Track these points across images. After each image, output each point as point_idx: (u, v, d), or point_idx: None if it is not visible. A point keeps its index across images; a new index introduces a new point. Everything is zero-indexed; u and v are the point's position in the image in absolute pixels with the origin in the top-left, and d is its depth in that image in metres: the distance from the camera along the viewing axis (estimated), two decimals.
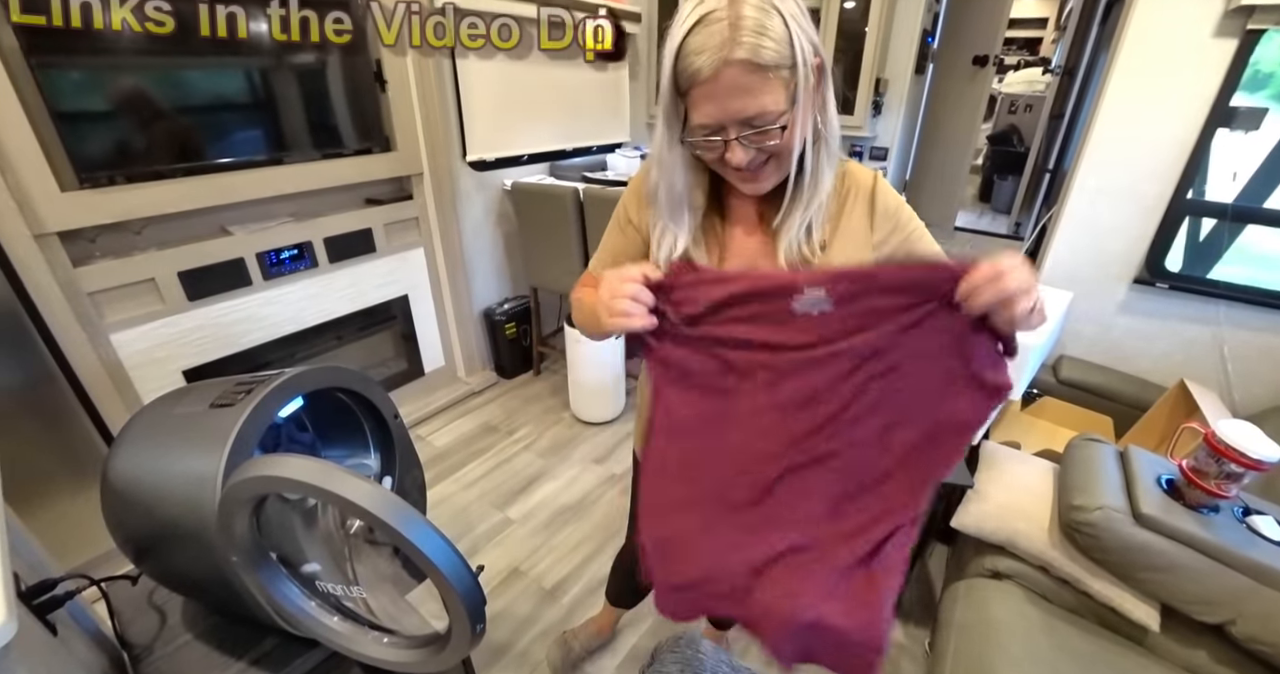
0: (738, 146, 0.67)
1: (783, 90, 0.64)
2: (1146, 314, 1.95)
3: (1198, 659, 1.16)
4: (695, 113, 0.66)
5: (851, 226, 0.77)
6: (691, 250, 0.79)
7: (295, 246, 2.04)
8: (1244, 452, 1.12)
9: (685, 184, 0.76)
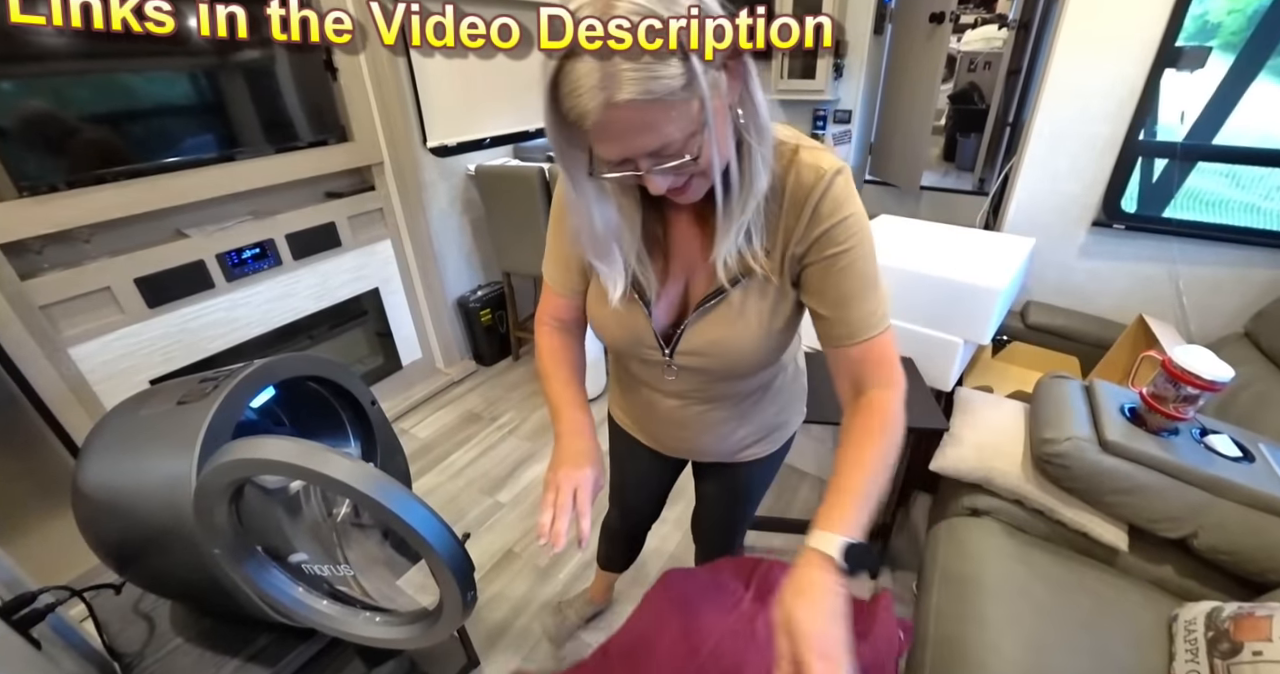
0: (653, 177, 0.60)
1: (686, 114, 0.55)
2: (1105, 256, 2.00)
3: (1164, 573, 1.22)
4: (597, 148, 0.59)
5: (789, 230, 0.69)
6: (637, 268, 0.73)
7: (256, 245, 1.98)
8: (1199, 374, 1.16)
9: (606, 222, 0.68)
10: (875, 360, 0.71)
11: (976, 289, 1.49)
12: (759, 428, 0.94)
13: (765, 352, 0.77)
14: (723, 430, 0.91)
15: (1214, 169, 1.96)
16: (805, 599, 0.55)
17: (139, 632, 1.09)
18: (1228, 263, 1.87)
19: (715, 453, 0.97)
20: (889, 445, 0.67)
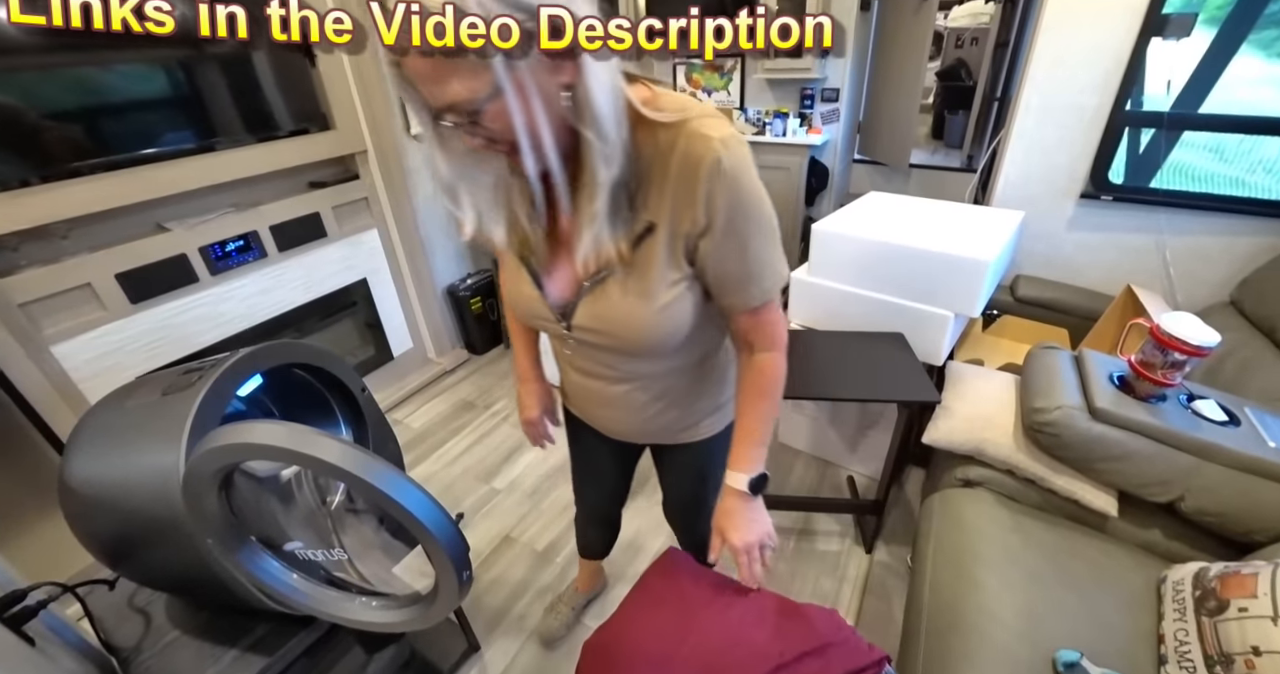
0: (464, 132, 0.60)
1: (475, 78, 0.55)
2: (1094, 228, 2.01)
3: (1152, 537, 1.24)
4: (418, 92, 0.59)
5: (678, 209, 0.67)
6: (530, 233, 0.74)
7: (240, 238, 1.95)
8: (1186, 340, 1.17)
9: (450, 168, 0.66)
10: (764, 326, 0.77)
11: (965, 261, 1.49)
12: (694, 412, 0.93)
13: (661, 330, 0.75)
14: (650, 412, 0.91)
15: (1199, 144, 1.97)
16: (729, 518, 0.87)
17: (135, 626, 1.08)
18: (1214, 232, 1.87)
19: (653, 434, 0.97)
20: (774, 400, 0.83)
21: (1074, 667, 0.95)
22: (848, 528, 1.75)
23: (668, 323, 0.74)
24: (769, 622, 0.82)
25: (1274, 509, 1.12)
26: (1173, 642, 1.00)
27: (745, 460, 0.84)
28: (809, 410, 1.95)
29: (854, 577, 1.60)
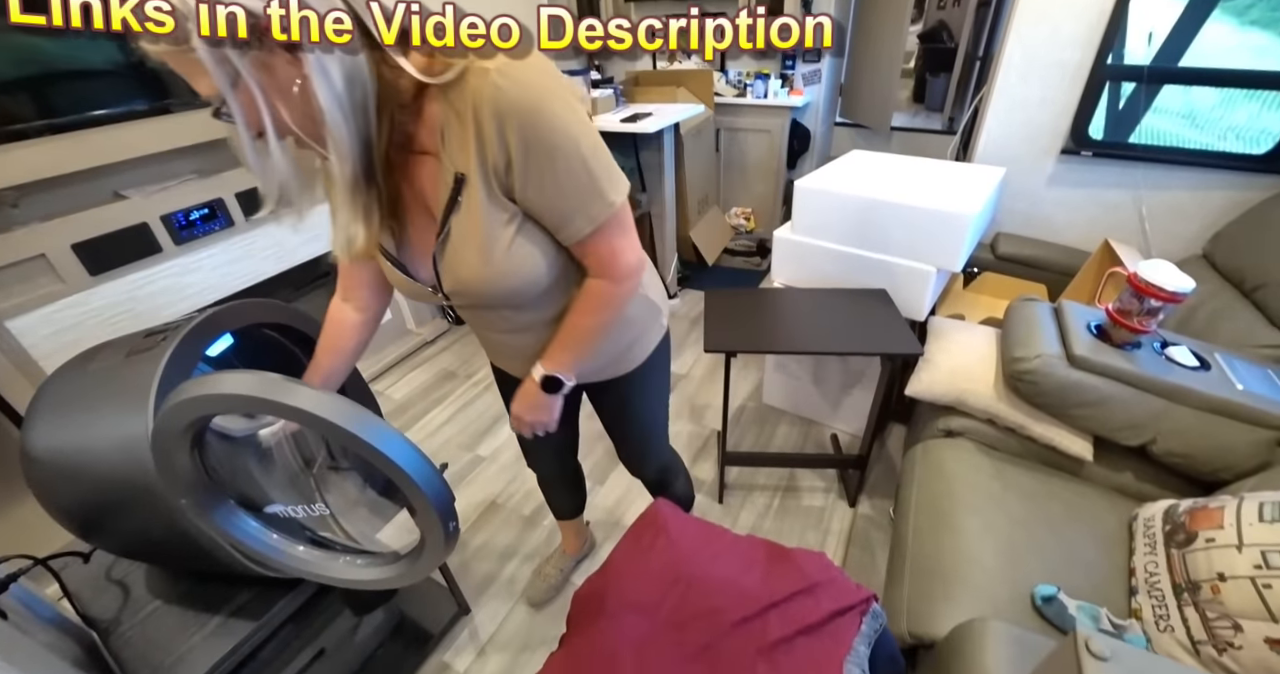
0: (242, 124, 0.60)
1: (206, 74, 0.55)
2: (1073, 184, 2.02)
3: (1125, 480, 1.28)
4: None
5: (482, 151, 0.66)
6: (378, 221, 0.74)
7: (205, 206, 1.88)
8: (1162, 286, 1.19)
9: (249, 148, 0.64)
10: (594, 256, 0.76)
11: (948, 215, 1.49)
12: (599, 354, 0.95)
13: (518, 275, 0.75)
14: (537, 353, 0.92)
15: (1173, 110, 1.98)
16: (520, 398, 0.93)
17: (113, 598, 1.06)
18: (1188, 186, 1.89)
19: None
20: (596, 321, 0.83)
21: (1051, 601, 0.97)
22: (831, 483, 1.78)
23: (521, 266, 0.74)
24: (758, 566, 0.83)
25: (1240, 449, 1.16)
26: (1143, 574, 1.03)
27: (550, 359, 0.87)
28: (792, 370, 1.96)
29: (838, 530, 1.64)
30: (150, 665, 0.94)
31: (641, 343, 1.00)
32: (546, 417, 0.93)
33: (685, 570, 0.82)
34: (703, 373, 2.27)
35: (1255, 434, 1.15)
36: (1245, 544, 0.92)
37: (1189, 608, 0.94)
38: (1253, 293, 1.53)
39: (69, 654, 0.97)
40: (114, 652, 0.97)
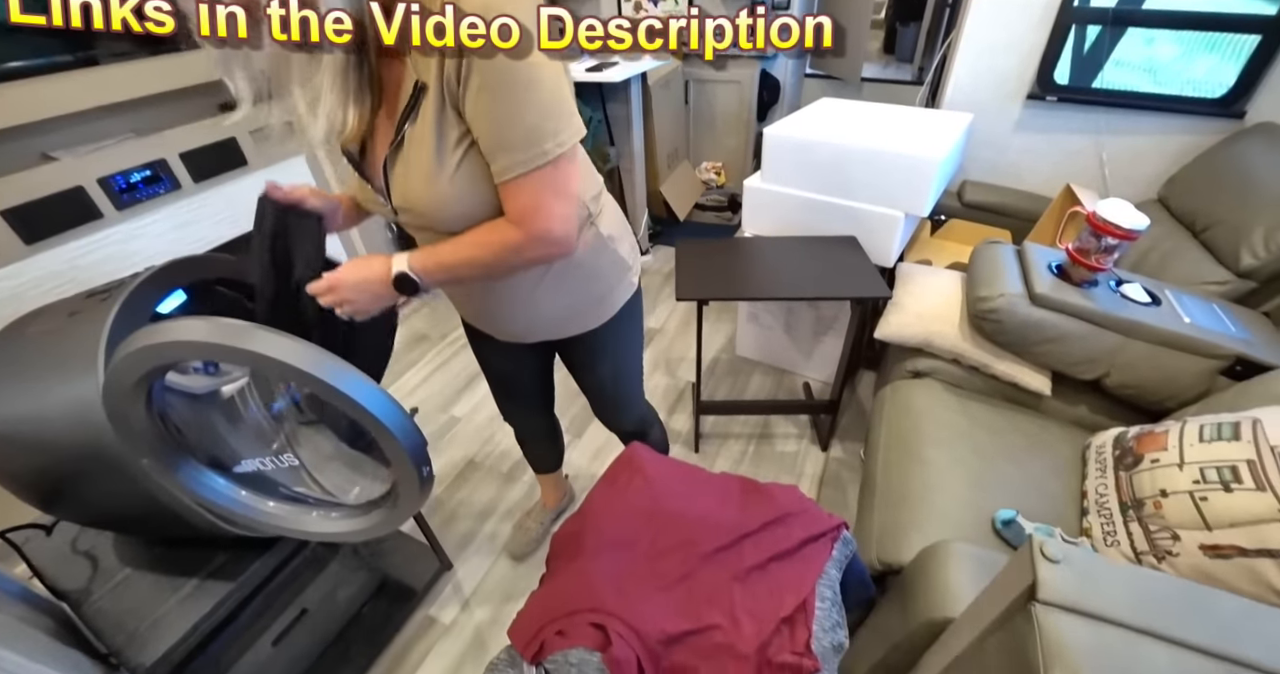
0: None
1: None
2: (1038, 129, 2.04)
3: (1080, 412, 1.34)
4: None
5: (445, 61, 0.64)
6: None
7: (146, 167, 1.76)
8: (1119, 224, 1.22)
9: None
10: (515, 205, 0.71)
11: (915, 160, 1.49)
12: (569, 303, 0.93)
13: (461, 203, 0.73)
14: (520, 305, 0.90)
15: (1134, 64, 2.00)
16: (356, 267, 0.79)
17: (81, 570, 1.03)
18: (1147, 131, 1.93)
19: (540, 331, 0.97)
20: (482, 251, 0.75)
21: (1010, 524, 1.03)
22: (804, 429, 1.83)
23: (465, 192, 0.72)
24: (733, 499, 0.85)
25: (1185, 379, 1.22)
26: (1094, 496, 1.10)
27: (420, 257, 0.77)
28: (765, 321, 1.98)
29: (811, 473, 1.69)
30: (126, 632, 0.93)
31: (609, 299, 0.98)
32: (365, 304, 0.79)
33: (662, 506, 0.84)
34: (676, 326, 2.28)
35: (1199, 364, 1.21)
36: (1186, 463, 0.98)
37: (1133, 523, 1.00)
38: (1202, 233, 1.58)
39: (43, 627, 0.95)
40: (87, 621, 0.95)
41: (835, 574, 0.82)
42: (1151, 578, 0.67)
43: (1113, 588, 0.61)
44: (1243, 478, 0.90)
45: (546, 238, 0.73)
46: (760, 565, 0.77)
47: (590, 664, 0.71)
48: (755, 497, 0.86)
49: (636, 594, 0.74)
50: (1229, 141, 1.71)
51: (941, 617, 0.83)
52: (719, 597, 0.74)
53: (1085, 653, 0.56)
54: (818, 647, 0.74)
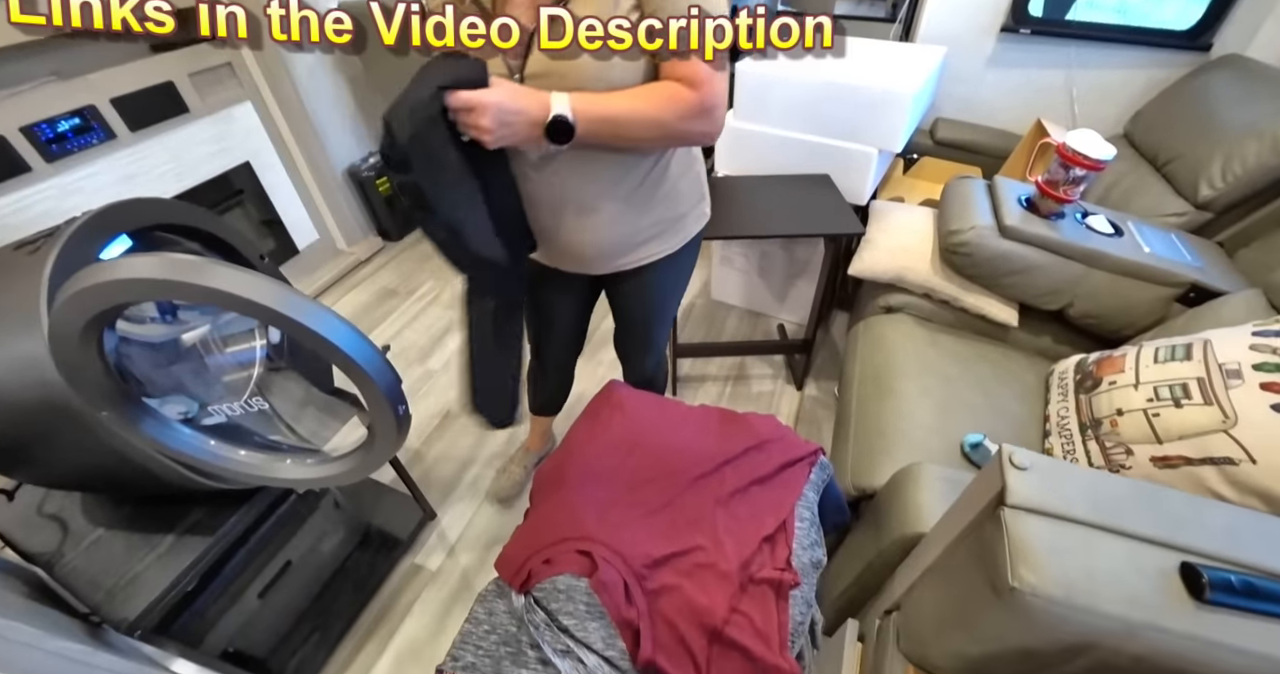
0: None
1: None
2: (1010, 64, 2.02)
3: (1044, 343, 1.39)
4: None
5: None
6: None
7: (74, 114, 1.64)
8: (1087, 154, 1.23)
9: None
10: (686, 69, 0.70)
11: (888, 94, 1.47)
12: (653, 221, 0.92)
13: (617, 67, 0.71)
14: (606, 216, 0.88)
15: (1106, 4, 1.99)
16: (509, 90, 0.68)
17: (50, 533, 1.00)
18: (1116, 65, 1.93)
19: (611, 250, 0.94)
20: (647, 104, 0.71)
21: (978, 447, 1.07)
22: (779, 370, 1.86)
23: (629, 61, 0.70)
24: (712, 429, 0.86)
25: (1143, 306, 1.27)
26: (1056, 419, 1.15)
27: (579, 100, 0.70)
28: (739, 264, 1.98)
29: (787, 412, 1.73)
30: (104, 589, 0.91)
31: (685, 224, 0.98)
32: (500, 138, 0.69)
33: (642, 438, 0.85)
34: None
35: (1156, 292, 1.25)
36: (1141, 383, 1.03)
37: (1091, 441, 1.05)
38: (1164, 167, 1.61)
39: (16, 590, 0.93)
40: (62, 581, 0.93)
41: (813, 497, 0.85)
42: (1109, 480, 0.71)
43: (1074, 490, 0.64)
44: (1192, 394, 0.95)
45: (716, 109, 0.72)
46: (741, 489, 0.79)
47: (578, 589, 0.72)
48: (734, 425, 0.88)
49: (620, 521, 0.75)
50: (1193, 75, 1.72)
51: (913, 532, 0.87)
52: (701, 520, 0.76)
53: (1048, 549, 0.59)
54: (797, 563, 0.78)
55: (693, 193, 0.98)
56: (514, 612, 0.74)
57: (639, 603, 0.70)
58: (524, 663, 0.71)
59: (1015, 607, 0.58)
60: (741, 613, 0.72)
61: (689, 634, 0.69)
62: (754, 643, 0.70)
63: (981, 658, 0.68)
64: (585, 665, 0.68)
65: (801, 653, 0.78)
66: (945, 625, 0.72)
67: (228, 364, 0.89)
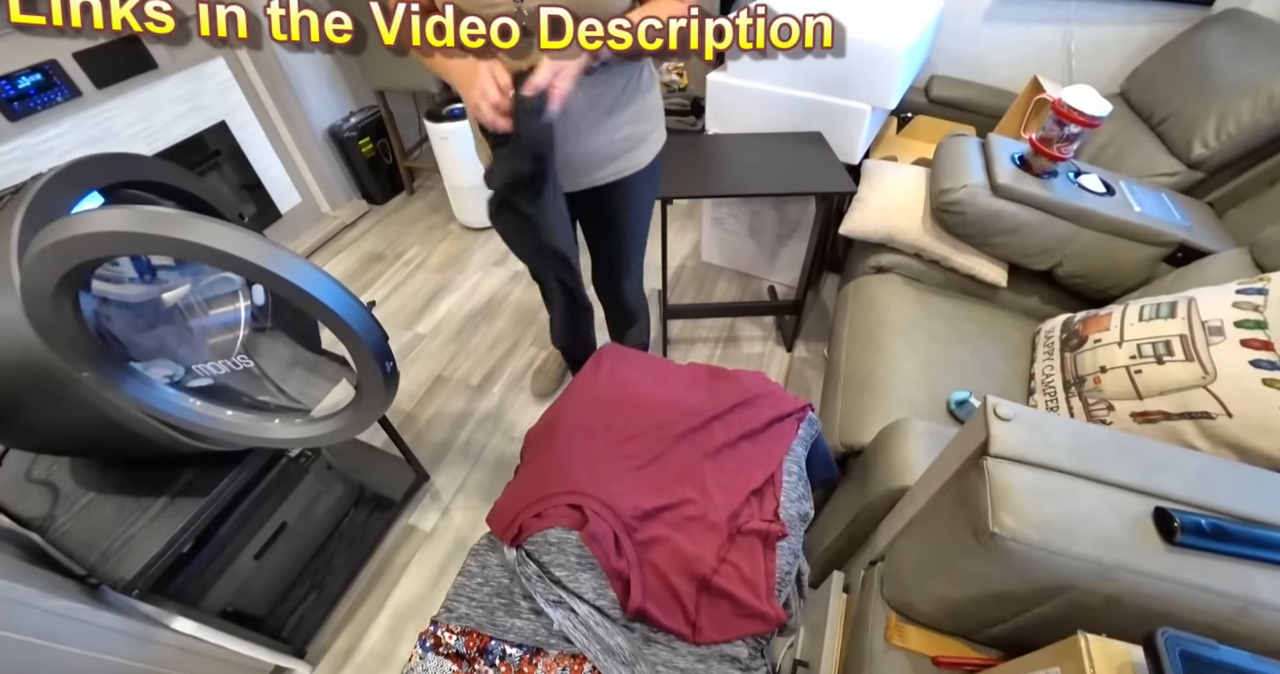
0: None
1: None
2: (1009, 19, 1.97)
3: (1031, 303, 1.40)
4: None
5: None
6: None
7: (34, 70, 1.56)
8: (1083, 110, 1.21)
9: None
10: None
11: (882, 48, 1.43)
12: (625, 135, 0.99)
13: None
14: (586, 126, 0.92)
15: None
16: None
17: (41, 498, 0.99)
18: (1115, 20, 1.88)
19: (587, 162, 0.99)
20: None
21: (964, 404, 1.09)
22: (769, 331, 1.87)
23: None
24: (701, 385, 0.87)
25: (1130, 265, 1.28)
26: (1041, 377, 1.16)
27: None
28: (730, 225, 1.96)
29: (776, 373, 1.74)
30: (99, 551, 0.92)
31: (653, 139, 1.06)
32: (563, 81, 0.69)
33: (631, 394, 0.85)
34: None
35: (1145, 251, 1.26)
36: (1125, 340, 1.04)
37: (1074, 398, 1.07)
38: (1159, 126, 1.59)
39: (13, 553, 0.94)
40: (56, 544, 0.93)
41: (801, 452, 0.86)
42: (1088, 429, 0.72)
43: (1055, 439, 0.65)
44: (1174, 351, 0.96)
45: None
46: (730, 443, 0.80)
47: (569, 542, 0.73)
48: (723, 381, 0.88)
49: (610, 475, 0.76)
50: (1194, 31, 1.68)
51: (899, 486, 0.89)
52: (690, 473, 0.77)
53: (1028, 496, 0.61)
54: (785, 515, 0.79)
55: (657, 110, 1.05)
56: (506, 564, 0.76)
57: (629, 554, 0.72)
58: (517, 613, 0.73)
59: (995, 551, 0.60)
60: (729, 562, 0.74)
61: (678, 583, 0.71)
62: (741, 591, 0.72)
63: (963, 601, 0.70)
64: (577, 614, 0.70)
65: (789, 602, 0.81)
66: (928, 572, 0.74)
67: (212, 326, 0.87)
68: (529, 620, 0.72)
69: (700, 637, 0.71)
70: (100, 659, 0.88)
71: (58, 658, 0.83)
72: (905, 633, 0.77)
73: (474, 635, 0.71)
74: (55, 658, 0.82)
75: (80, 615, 0.85)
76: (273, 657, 1.15)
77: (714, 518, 0.74)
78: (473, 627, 0.71)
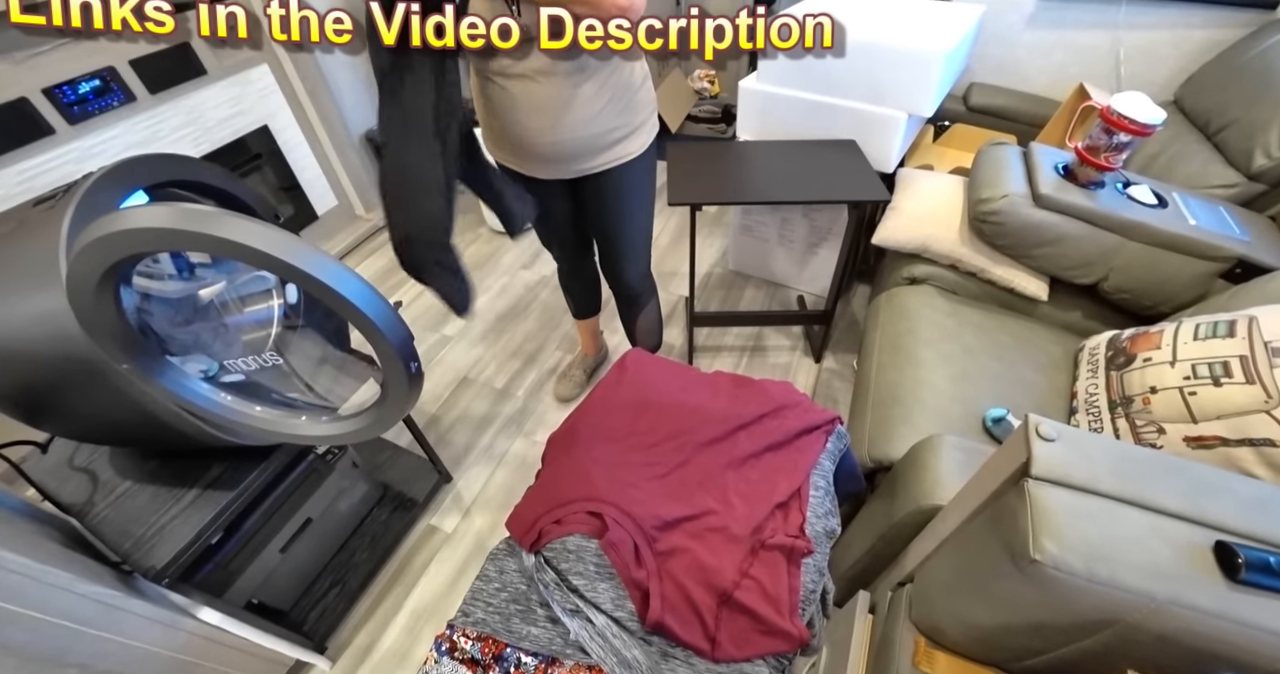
0: None
1: None
2: (1051, 24, 1.91)
3: (1073, 318, 1.34)
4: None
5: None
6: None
7: (94, 76, 1.63)
8: (1135, 117, 1.16)
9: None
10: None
11: (919, 54, 1.40)
12: (614, 126, 1.01)
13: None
14: (582, 105, 0.93)
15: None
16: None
17: (81, 485, 1.04)
18: (1168, 25, 1.81)
19: (576, 151, 1.01)
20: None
21: (1000, 421, 1.04)
22: (797, 341, 1.83)
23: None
24: (725, 393, 0.85)
25: (1183, 281, 1.21)
26: (1084, 395, 1.11)
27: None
28: (759, 233, 1.93)
29: (804, 384, 1.71)
30: (132, 538, 0.95)
31: (643, 131, 1.09)
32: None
33: (655, 400, 0.84)
34: (669, 241, 2.24)
35: (1200, 266, 1.20)
36: (1178, 360, 0.98)
37: (1121, 419, 1.02)
38: (1215, 135, 1.52)
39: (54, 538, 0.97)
40: (94, 531, 0.97)
41: (829, 465, 0.84)
42: (1133, 451, 0.68)
43: (1100, 462, 0.62)
44: (1233, 372, 0.91)
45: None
46: (755, 454, 0.78)
47: (588, 550, 0.72)
48: (749, 391, 0.86)
49: (631, 482, 0.75)
50: (1255, 35, 1.61)
51: (930, 504, 0.85)
52: (713, 483, 0.76)
53: (1072, 521, 0.57)
54: (811, 531, 0.77)
55: (647, 105, 1.08)
56: (524, 570, 0.75)
57: (649, 564, 0.70)
58: (533, 620, 0.72)
59: (1036, 578, 0.57)
60: (751, 577, 0.72)
61: (698, 595, 0.70)
62: (763, 606, 0.70)
63: (996, 629, 0.67)
64: (594, 625, 0.69)
65: (812, 621, 0.78)
66: (960, 597, 0.71)
67: (246, 323, 0.89)
68: (545, 629, 0.71)
69: (719, 653, 0.69)
70: (129, 645, 0.90)
71: (89, 642, 0.85)
72: (934, 659, 0.74)
73: (489, 641, 0.70)
74: (87, 642, 0.84)
75: (113, 602, 0.87)
76: (294, 651, 1.17)
77: (736, 530, 0.72)
78: (488, 632, 0.71)
